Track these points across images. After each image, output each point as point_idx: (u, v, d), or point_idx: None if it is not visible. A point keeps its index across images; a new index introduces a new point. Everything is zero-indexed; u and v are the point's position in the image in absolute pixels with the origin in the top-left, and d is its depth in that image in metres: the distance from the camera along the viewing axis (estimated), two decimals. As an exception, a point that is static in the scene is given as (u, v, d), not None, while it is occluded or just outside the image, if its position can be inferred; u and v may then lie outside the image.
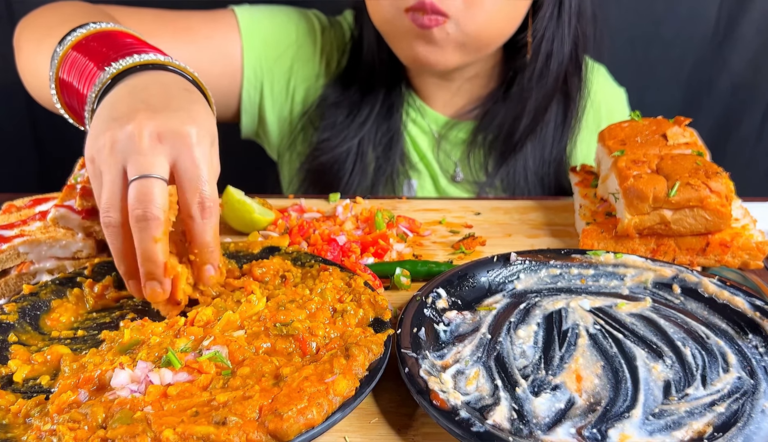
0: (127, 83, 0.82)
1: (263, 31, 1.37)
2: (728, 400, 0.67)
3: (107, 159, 0.74)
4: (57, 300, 0.86)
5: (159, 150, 0.73)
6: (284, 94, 1.42)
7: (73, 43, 0.90)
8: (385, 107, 1.38)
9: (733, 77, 1.78)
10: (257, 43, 1.36)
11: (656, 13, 1.75)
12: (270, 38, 1.38)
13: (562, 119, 1.38)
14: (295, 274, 0.88)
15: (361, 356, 0.68)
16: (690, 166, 0.95)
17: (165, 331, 0.75)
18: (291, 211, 1.14)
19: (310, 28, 1.42)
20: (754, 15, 1.71)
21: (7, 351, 0.76)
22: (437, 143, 1.42)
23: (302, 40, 1.41)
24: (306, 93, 1.42)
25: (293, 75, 1.41)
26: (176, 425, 0.59)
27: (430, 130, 1.42)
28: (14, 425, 0.64)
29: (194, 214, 0.76)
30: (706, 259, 0.96)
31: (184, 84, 0.84)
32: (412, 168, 1.42)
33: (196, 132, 0.76)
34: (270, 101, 1.42)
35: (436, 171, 1.42)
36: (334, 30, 1.44)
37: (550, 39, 1.30)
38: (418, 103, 1.42)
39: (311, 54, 1.42)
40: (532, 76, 1.32)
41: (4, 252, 0.89)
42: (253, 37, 1.35)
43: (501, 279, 0.89)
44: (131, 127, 0.73)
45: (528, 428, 0.64)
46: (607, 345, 0.76)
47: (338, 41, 1.43)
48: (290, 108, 1.43)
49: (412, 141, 1.42)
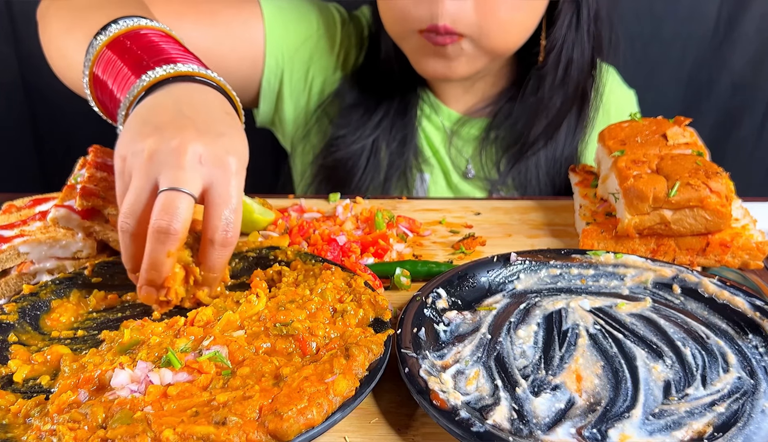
0: (170, 92, 0.82)
1: (286, 20, 1.37)
2: (728, 400, 0.67)
3: (142, 165, 0.74)
4: (57, 300, 0.86)
5: (198, 170, 0.74)
6: (302, 83, 1.43)
7: (108, 42, 0.90)
8: (402, 105, 1.39)
9: (733, 77, 1.78)
10: (280, 32, 1.36)
11: (656, 13, 1.75)
12: (292, 27, 1.38)
13: (576, 121, 1.39)
14: (299, 270, 0.88)
15: (361, 356, 0.68)
16: (690, 166, 0.95)
17: (165, 331, 0.75)
18: (291, 212, 1.14)
19: (330, 20, 1.42)
20: (754, 14, 1.71)
21: (7, 351, 0.76)
22: (449, 139, 1.42)
23: (323, 32, 1.41)
24: (323, 85, 1.43)
25: (312, 65, 1.42)
26: (176, 425, 0.59)
27: (443, 126, 1.43)
28: (14, 425, 0.64)
29: (216, 240, 0.76)
30: (706, 259, 0.96)
31: (226, 106, 0.85)
32: (425, 162, 1.42)
33: (236, 162, 0.77)
34: (288, 90, 1.42)
35: (448, 167, 1.43)
36: (353, 24, 1.44)
37: (570, 46, 1.30)
38: (432, 100, 1.43)
39: (330, 46, 1.42)
40: (553, 83, 1.33)
41: (4, 252, 0.89)
42: (276, 25, 1.36)
43: (501, 279, 0.89)
44: (176, 142, 0.74)
45: (528, 428, 0.64)
46: (607, 345, 0.76)
47: (356, 36, 1.44)
48: (307, 98, 1.44)
49: (425, 136, 1.43)
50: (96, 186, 0.95)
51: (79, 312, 0.85)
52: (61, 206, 0.93)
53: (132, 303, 0.87)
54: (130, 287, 0.90)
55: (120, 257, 0.92)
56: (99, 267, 0.91)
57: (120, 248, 0.79)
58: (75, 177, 1.00)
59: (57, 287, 0.87)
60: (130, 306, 0.87)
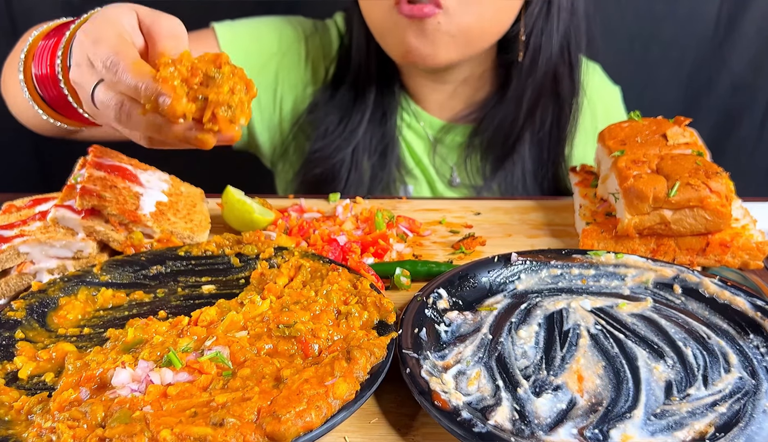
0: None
1: (244, 44, 1.37)
2: (730, 400, 0.67)
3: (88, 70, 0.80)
4: (65, 297, 0.86)
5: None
6: (271, 104, 1.43)
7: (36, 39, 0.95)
8: (379, 113, 1.38)
9: (733, 77, 1.79)
10: (239, 57, 1.36)
11: (656, 14, 1.75)
12: (252, 50, 1.38)
13: (557, 119, 1.38)
14: (306, 267, 0.88)
15: (363, 359, 0.68)
16: (690, 166, 0.95)
17: (169, 330, 0.76)
18: (291, 212, 1.14)
19: (294, 35, 1.42)
20: (754, 15, 1.72)
21: (14, 348, 0.77)
22: (433, 147, 1.41)
23: (286, 49, 1.41)
24: (294, 102, 1.42)
25: (279, 84, 1.41)
26: (174, 426, 0.59)
27: (425, 135, 1.42)
28: (16, 421, 0.65)
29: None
30: (706, 259, 0.96)
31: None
32: (408, 174, 1.41)
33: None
34: (258, 112, 1.42)
35: (432, 176, 1.42)
36: (320, 35, 1.43)
37: (538, 33, 1.30)
38: (413, 107, 1.42)
39: (296, 62, 1.42)
40: (521, 70, 1.32)
41: (4, 252, 0.89)
42: (235, 52, 1.35)
43: (502, 279, 0.89)
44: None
45: (530, 429, 0.64)
46: (609, 345, 0.76)
47: (326, 47, 1.43)
48: (279, 118, 1.44)
49: (407, 146, 1.42)
50: (96, 186, 0.95)
51: (87, 310, 0.86)
52: (61, 206, 0.93)
53: (139, 302, 0.87)
54: (138, 285, 0.90)
55: (126, 256, 0.92)
56: (107, 265, 0.91)
57: (120, 248, 0.78)
58: (75, 177, 1.00)
59: (65, 284, 0.88)
60: (137, 305, 0.87)
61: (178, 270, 0.93)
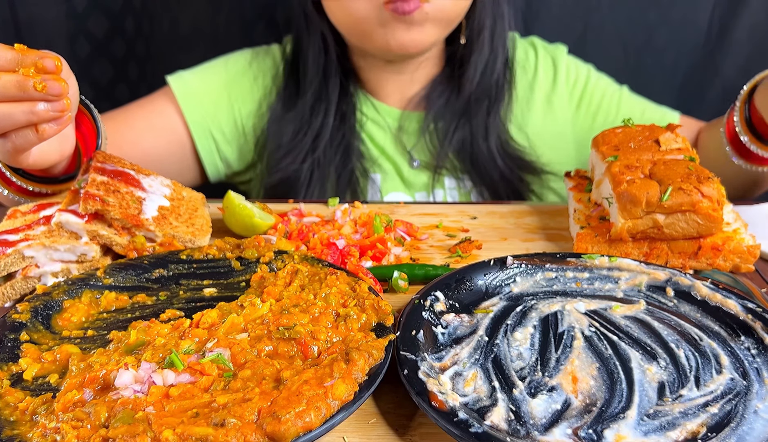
0: None
1: (195, 88, 1.46)
2: (721, 401, 0.68)
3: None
4: (69, 300, 0.87)
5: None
6: (235, 132, 1.50)
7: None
8: (338, 118, 1.44)
9: (725, 84, 1.80)
10: (193, 101, 1.45)
11: (649, 21, 1.77)
12: (203, 90, 1.47)
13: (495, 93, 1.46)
14: (304, 272, 0.89)
15: (361, 361, 0.69)
16: (682, 171, 0.96)
17: (170, 332, 0.77)
18: (291, 216, 1.15)
19: (239, 64, 1.51)
20: (746, 22, 1.73)
21: (19, 349, 0.78)
22: (395, 136, 1.48)
23: (232, 78, 1.49)
24: (254, 125, 1.50)
25: (236, 112, 1.49)
26: (176, 426, 0.59)
27: (386, 125, 1.48)
28: (21, 422, 0.66)
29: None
30: (698, 262, 0.97)
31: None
32: (374, 164, 1.47)
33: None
34: (225, 144, 1.50)
35: (397, 162, 1.48)
36: (263, 56, 1.52)
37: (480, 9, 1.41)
38: (372, 101, 1.49)
39: (247, 87, 1.50)
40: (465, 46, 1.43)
41: (10, 256, 0.90)
42: (189, 97, 1.45)
43: (498, 282, 0.90)
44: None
45: (525, 429, 0.65)
46: (603, 347, 0.77)
47: (270, 62, 1.51)
48: (245, 141, 1.51)
49: (370, 138, 1.48)
50: (99, 191, 0.96)
51: (90, 312, 0.87)
52: (65, 211, 0.94)
53: (142, 305, 0.88)
54: (141, 288, 0.91)
55: (129, 260, 0.93)
56: (111, 269, 0.92)
57: (123, 252, 0.79)
58: (78, 182, 1.01)
59: (69, 287, 0.89)
60: (140, 307, 0.88)
61: (180, 273, 0.94)
